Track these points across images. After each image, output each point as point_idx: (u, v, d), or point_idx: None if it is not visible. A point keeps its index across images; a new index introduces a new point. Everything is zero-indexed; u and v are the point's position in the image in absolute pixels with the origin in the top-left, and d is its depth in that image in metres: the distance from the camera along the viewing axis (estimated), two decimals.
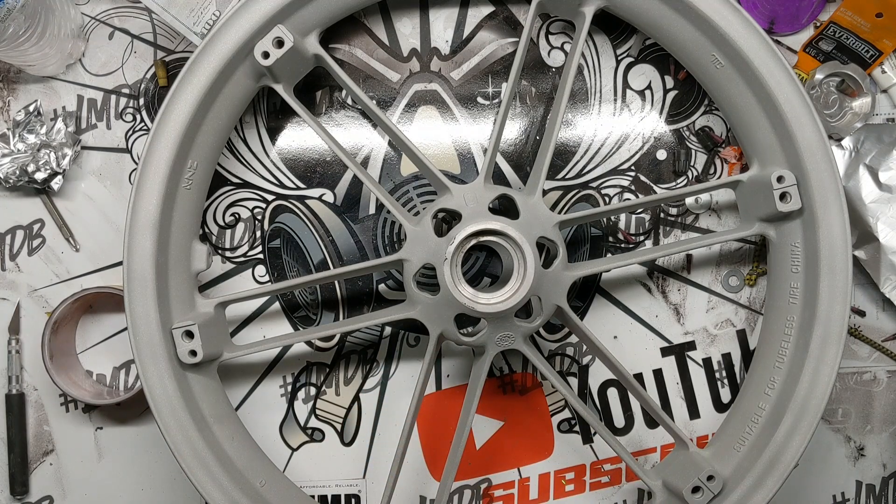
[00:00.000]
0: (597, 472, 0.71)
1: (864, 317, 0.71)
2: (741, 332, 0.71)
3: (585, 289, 0.71)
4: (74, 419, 0.71)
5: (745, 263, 0.71)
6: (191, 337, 0.60)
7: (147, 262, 0.60)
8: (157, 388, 0.60)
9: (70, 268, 0.71)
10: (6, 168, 0.68)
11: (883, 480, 0.72)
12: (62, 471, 0.71)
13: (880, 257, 0.68)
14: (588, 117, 0.71)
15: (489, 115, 0.70)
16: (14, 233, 0.71)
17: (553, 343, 0.71)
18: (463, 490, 0.71)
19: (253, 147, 0.70)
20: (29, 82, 0.71)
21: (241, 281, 0.70)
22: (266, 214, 0.70)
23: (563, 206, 0.70)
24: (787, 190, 0.61)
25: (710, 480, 0.61)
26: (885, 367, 0.71)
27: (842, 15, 0.67)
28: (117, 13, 0.71)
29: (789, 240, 0.63)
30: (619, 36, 0.71)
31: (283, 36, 0.60)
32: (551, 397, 0.71)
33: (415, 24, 0.71)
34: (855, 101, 0.70)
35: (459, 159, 0.70)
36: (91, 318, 0.71)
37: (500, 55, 0.71)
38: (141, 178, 0.60)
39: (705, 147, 0.71)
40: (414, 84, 0.71)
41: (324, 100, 0.71)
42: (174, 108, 0.60)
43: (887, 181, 0.67)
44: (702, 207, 0.71)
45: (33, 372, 0.71)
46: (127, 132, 0.71)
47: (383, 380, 0.70)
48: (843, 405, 0.72)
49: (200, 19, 0.64)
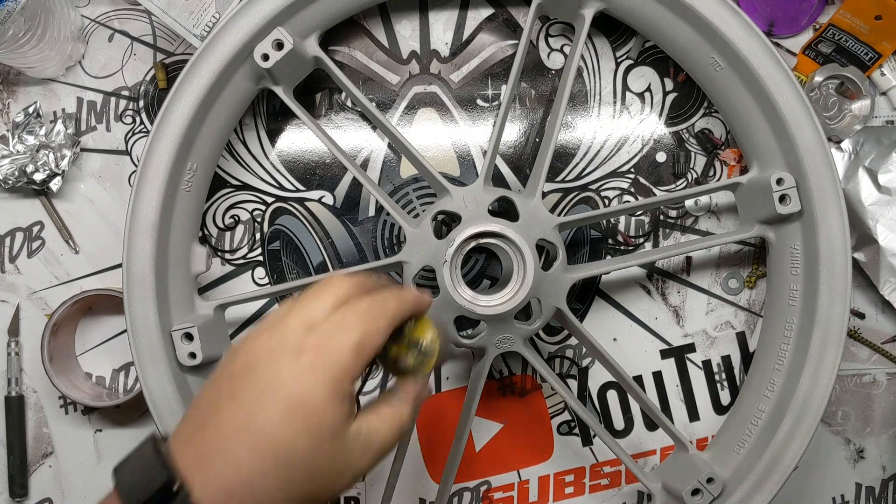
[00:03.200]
0: (596, 475, 0.71)
1: (863, 319, 0.71)
2: (741, 334, 0.71)
3: (585, 291, 0.71)
4: (74, 421, 0.71)
5: (745, 266, 0.71)
6: (190, 339, 0.60)
7: (146, 265, 0.60)
8: (157, 390, 0.60)
9: (70, 270, 0.71)
10: (5, 169, 0.68)
11: (882, 483, 0.72)
12: (61, 473, 0.71)
13: (880, 259, 0.68)
14: (587, 119, 0.71)
15: (489, 118, 0.71)
16: (13, 235, 0.71)
17: (553, 345, 0.71)
18: (462, 492, 0.71)
19: (252, 149, 0.70)
20: (28, 84, 0.71)
21: (241, 283, 0.70)
22: (265, 216, 0.70)
23: (562, 209, 0.70)
24: (787, 192, 0.61)
25: (709, 483, 0.61)
26: (884, 369, 0.71)
27: (841, 17, 0.67)
28: (117, 15, 0.71)
29: (789, 242, 0.63)
30: (619, 38, 0.71)
31: (283, 38, 0.60)
32: (551, 399, 0.71)
33: (414, 27, 0.71)
34: (854, 103, 0.70)
35: (459, 161, 0.70)
36: (90, 320, 0.71)
37: (499, 57, 0.71)
38: (140, 181, 0.60)
39: (705, 149, 0.71)
40: (413, 86, 0.71)
41: (323, 102, 0.71)
42: (174, 110, 0.60)
43: (886, 183, 0.67)
44: (701, 210, 0.71)
45: (33, 374, 0.70)
46: (126, 134, 0.71)
47: (383, 382, 0.70)
48: (843, 407, 0.72)
49: (200, 21, 0.64)
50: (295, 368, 0.39)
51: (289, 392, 0.39)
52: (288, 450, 0.38)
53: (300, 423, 0.39)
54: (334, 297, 0.42)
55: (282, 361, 0.39)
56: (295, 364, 0.39)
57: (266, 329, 0.41)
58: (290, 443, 0.38)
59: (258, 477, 0.38)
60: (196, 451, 0.39)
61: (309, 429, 0.39)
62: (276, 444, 0.38)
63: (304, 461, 0.39)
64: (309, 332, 0.40)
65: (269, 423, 0.38)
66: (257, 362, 0.40)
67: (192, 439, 0.40)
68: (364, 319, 0.41)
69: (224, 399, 0.40)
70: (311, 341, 0.40)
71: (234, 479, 0.38)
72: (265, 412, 0.39)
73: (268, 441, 0.38)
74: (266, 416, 0.39)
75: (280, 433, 0.38)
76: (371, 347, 0.41)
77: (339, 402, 0.39)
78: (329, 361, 0.39)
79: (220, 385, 0.41)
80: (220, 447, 0.39)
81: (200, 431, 0.40)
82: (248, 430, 0.39)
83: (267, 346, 0.40)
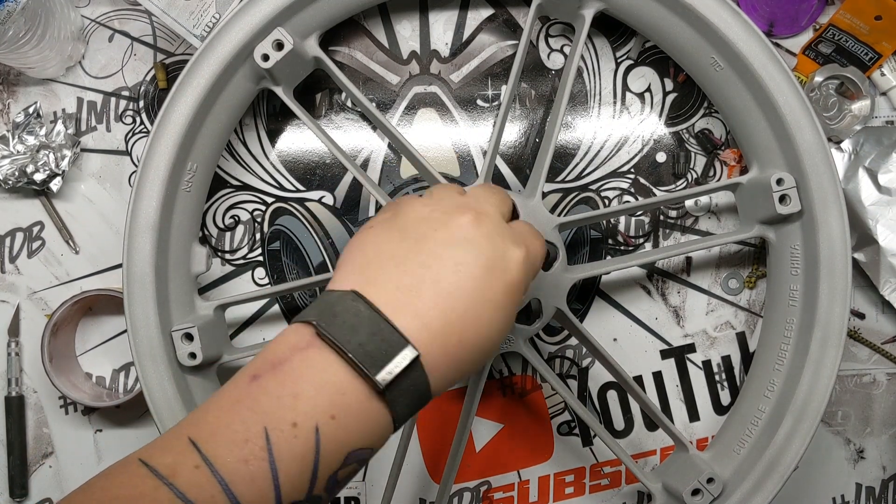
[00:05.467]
0: (596, 475, 0.71)
1: (863, 319, 0.71)
2: (741, 334, 0.71)
3: (585, 291, 0.71)
4: (74, 421, 0.71)
5: (745, 266, 0.71)
6: (190, 339, 0.60)
7: (147, 265, 0.60)
8: (157, 390, 0.60)
9: (70, 270, 0.71)
10: (6, 170, 0.68)
11: (882, 483, 0.72)
12: (62, 473, 0.71)
13: (880, 260, 0.68)
14: (587, 120, 0.71)
15: (489, 118, 0.71)
16: (14, 235, 0.71)
17: (553, 345, 0.71)
18: (462, 492, 0.71)
19: (252, 149, 0.70)
20: (29, 84, 0.71)
21: (241, 283, 0.70)
22: (266, 217, 0.70)
23: (562, 209, 0.70)
24: (787, 192, 0.61)
25: (709, 483, 0.61)
26: (884, 369, 0.71)
27: (841, 18, 0.67)
28: (117, 16, 0.71)
29: (789, 242, 0.63)
30: (619, 38, 0.71)
31: (283, 38, 0.60)
32: (551, 400, 0.71)
33: (414, 27, 0.71)
34: (854, 103, 0.70)
35: (459, 161, 0.70)
36: (90, 320, 0.71)
37: (499, 58, 0.71)
38: (140, 181, 0.60)
39: (705, 149, 0.71)
40: (413, 86, 0.71)
41: (323, 102, 0.71)
42: (174, 110, 0.60)
43: (887, 184, 0.67)
44: (701, 210, 0.71)
45: (33, 374, 0.70)
46: (127, 134, 0.71)
47: None
48: (843, 407, 0.72)
49: (200, 22, 0.64)
50: (516, 257, 0.44)
51: (511, 278, 0.43)
52: (498, 325, 0.43)
53: (512, 304, 0.43)
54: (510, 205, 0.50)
55: (506, 247, 0.44)
56: (516, 252, 0.44)
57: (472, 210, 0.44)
58: (501, 323, 0.43)
59: (469, 348, 0.41)
60: (418, 318, 0.40)
61: (514, 307, 0.44)
62: (493, 322, 0.42)
63: (501, 333, 0.43)
64: (515, 232, 0.46)
65: (493, 299, 0.42)
66: (480, 240, 0.43)
67: (405, 302, 0.40)
68: (540, 238, 0.49)
69: (440, 264, 0.42)
70: (521, 237, 0.45)
71: (454, 349, 0.41)
72: (492, 291, 0.42)
73: (486, 317, 0.42)
74: (491, 292, 0.42)
75: (498, 312, 0.42)
76: (542, 259, 0.49)
77: (526, 289, 0.46)
78: (534, 260, 0.46)
79: (426, 245, 0.42)
80: (447, 317, 0.40)
81: (414, 296, 0.40)
82: (474, 301, 0.41)
83: (486, 230, 0.44)
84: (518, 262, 0.44)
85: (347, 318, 0.39)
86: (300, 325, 0.40)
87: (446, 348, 0.40)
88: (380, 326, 0.38)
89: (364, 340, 0.38)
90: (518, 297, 0.44)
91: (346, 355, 0.38)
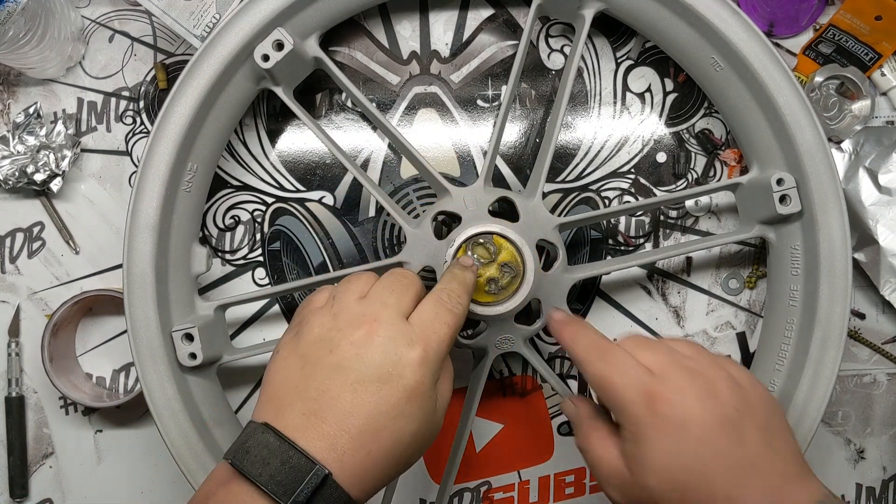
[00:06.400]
0: None
1: (863, 319, 0.71)
2: (741, 334, 0.71)
3: (585, 291, 0.71)
4: (74, 422, 0.71)
5: (745, 266, 0.71)
6: (190, 339, 0.60)
7: (147, 265, 0.60)
8: (157, 390, 0.60)
9: (70, 270, 0.71)
10: (6, 170, 0.68)
11: (883, 483, 0.72)
12: (62, 473, 0.71)
13: (880, 260, 0.68)
14: (588, 120, 0.71)
15: (489, 118, 0.71)
16: (14, 235, 0.71)
17: (553, 345, 0.71)
18: (462, 493, 0.71)
19: (253, 150, 0.70)
20: (29, 85, 0.71)
21: (241, 283, 0.70)
22: (266, 217, 0.70)
23: (562, 209, 0.70)
24: (787, 192, 0.61)
25: None
26: (884, 369, 0.71)
27: (841, 18, 0.67)
28: (117, 16, 0.71)
29: (789, 242, 0.63)
30: (619, 39, 0.71)
31: (283, 39, 0.60)
32: (551, 400, 0.71)
33: (415, 27, 0.71)
34: (854, 103, 0.70)
35: (459, 162, 0.70)
36: (91, 320, 0.71)
37: (499, 58, 0.71)
38: (141, 181, 0.60)
39: (705, 150, 0.71)
40: (414, 87, 0.71)
41: (324, 102, 0.71)
42: (174, 110, 0.60)
43: (887, 184, 0.67)
44: (701, 210, 0.71)
45: (33, 375, 0.70)
46: (127, 135, 0.71)
47: None
48: (843, 408, 0.72)
49: (200, 22, 0.64)
50: (411, 360, 0.45)
51: (408, 383, 0.45)
52: (409, 430, 0.45)
53: (417, 407, 0.45)
54: (415, 292, 0.50)
55: (399, 354, 0.45)
56: (410, 354, 0.45)
57: (367, 321, 0.46)
58: (411, 428, 0.45)
59: (382, 458, 0.44)
60: (324, 440, 0.43)
61: (422, 409, 0.45)
62: (400, 430, 0.45)
63: (416, 437, 0.46)
64: (411, 324, 0.47)
65: (394, 409, 0.44)
66: (371, 354, 0.45)
67: (310, 426, 0.44)
68: (452, 311, 0.49)
69: (337, 386, 0.44)
70: (418, 334, 0.46)
71: (365, 461, 0.44)
72: (388, 402, 0.44)
73: (390, 427, 0.44)
74: (389, 403, 0.44)
75: (402, 420, 0.45)
76: (458, 329, 0.49)
77: (434, 383, 0.47)
78: (436, 354, 0.47)
79: (322, 370, 0.45)
80: (351, 434, 0.43)
81: (319, 420, 0.44)
82: (374, 415, 0.44)
83: (379, 340, 0.45)
84: (413, 365, 0.45)
85: (259, 451, 0.43)
86: (224, 461, 0.44)
87: (358, 461, 0.43)
88: (289, 454, 0.42)
89: (275, 471, 0.42)
90: (424, 398, 0.45)
91: (259, 488, 0.42)
